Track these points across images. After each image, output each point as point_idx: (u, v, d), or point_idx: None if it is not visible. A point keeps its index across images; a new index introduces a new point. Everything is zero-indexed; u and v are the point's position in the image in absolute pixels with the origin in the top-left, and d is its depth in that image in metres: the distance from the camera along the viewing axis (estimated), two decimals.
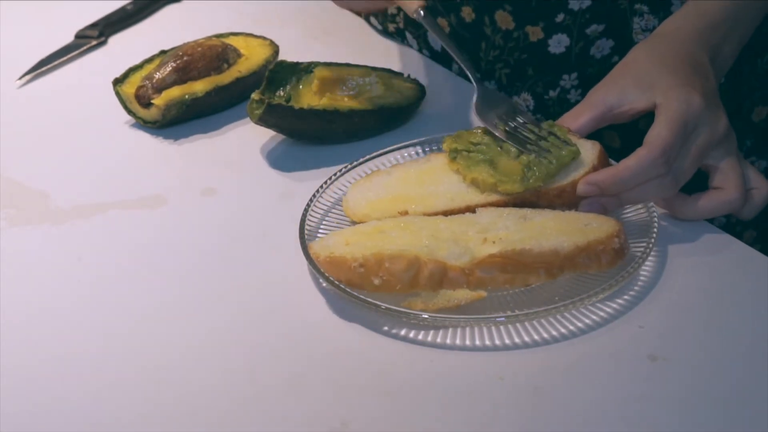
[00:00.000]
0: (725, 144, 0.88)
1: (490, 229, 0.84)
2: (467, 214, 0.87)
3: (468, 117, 1.08)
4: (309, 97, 1.04)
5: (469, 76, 0.98)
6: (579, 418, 0.73)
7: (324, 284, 0.85)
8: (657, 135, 0.86)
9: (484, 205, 0.88)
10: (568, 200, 0.87)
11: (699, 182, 0.89)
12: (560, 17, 1.06)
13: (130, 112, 1.11)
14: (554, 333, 0.80)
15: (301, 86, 1.05)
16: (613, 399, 0.74)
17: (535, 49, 1.08)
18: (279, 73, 1.05)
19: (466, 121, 1.06)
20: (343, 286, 0.82)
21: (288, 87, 1.05)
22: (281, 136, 1.07)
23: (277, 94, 1.04)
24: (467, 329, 0.80)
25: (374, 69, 1.09)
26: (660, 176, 0.85)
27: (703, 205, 0.88)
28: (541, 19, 1.06)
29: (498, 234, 0.83)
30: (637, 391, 0.74)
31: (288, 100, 1.03)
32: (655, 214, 0.87)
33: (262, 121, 1.02)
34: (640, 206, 0.89)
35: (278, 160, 1.05)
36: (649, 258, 0.85)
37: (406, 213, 0.89)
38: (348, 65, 1.08)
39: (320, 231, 0.91)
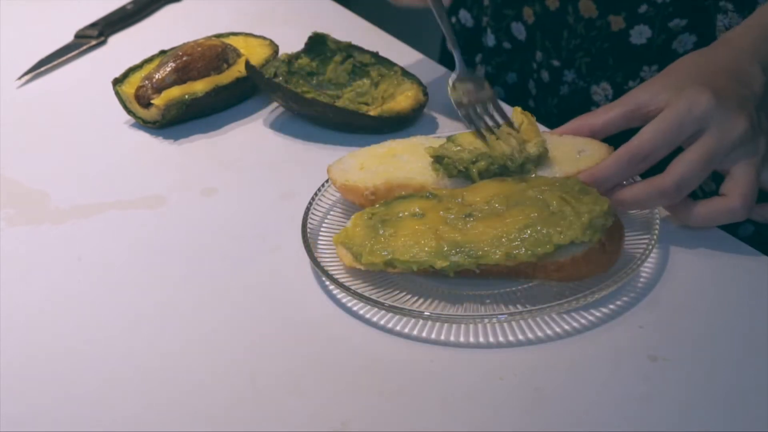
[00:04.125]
0: (742, 150, 0.85)
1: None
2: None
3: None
4: (336, 74, 1.11)
5: (455, 55, 1.00)
6: (579, 418, 0.73)
7: (326, 282, 0.85)
8: (640, 134, 0.85)
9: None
10: None
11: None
12: (643, 8, 1.05)
13: (130, 112, 1.11)
14: (554, 332, 0.80)
15: (332, 65, 1.12)
16: (613, 399, 0.74)
17: (616, 39, 1.08)
18: (321, 44, 1.12)
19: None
20: (344, 285, 0.82)
21: (320, 60, 1.12)
22: (281, 136, 1.07)
23: (308, 63, 1.11)
24: (468, 327, 0.80)
25: (393, 65, 1.12)
26: (657, 184, 0.84)
27: (701, 210, 0.86)
28: (624, 9, 1.06)
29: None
30: (637, 391, 0.74)
31: (312, 74, 1.11)
32: (656, 213, 0.87)
33: (271, 84, 1.07)
34: None
35: (278, 160, 1.05)
36: (650, 258, 0.85)
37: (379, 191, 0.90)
38: (378, 56, 1.13)
39: (321, 231, 0.91)
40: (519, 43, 1.17)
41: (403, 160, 0.92)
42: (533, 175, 0.88)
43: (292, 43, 1.16)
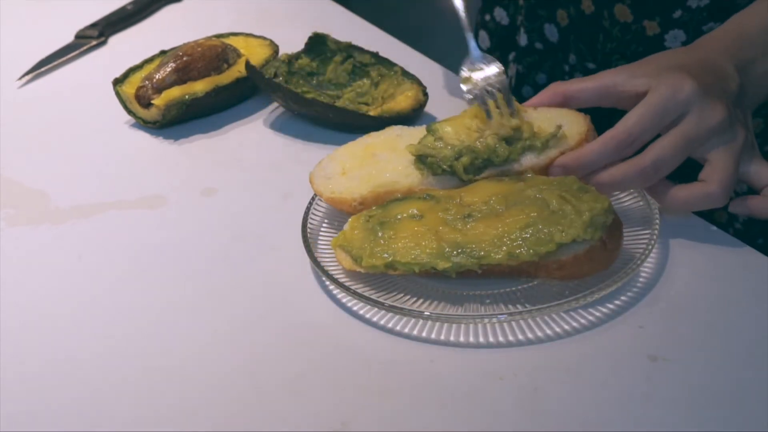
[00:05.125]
0: (721, 137, 0.86)
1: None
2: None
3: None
4: (336, 74, 1.11)
5: (468, 39, 0.99)
6: (579, 418, 0.73)
7: (327, 282, 0.85)
8: (625, 119, 0.86)
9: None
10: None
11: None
12: (678, 13, 1.06)
13: (130, 112, 1.11)
14: (554, 332, 0.80)
15: (332, 65, 1.12)
16: (613, 399, 0.74)
17: (651, 43, 1.08)
18: (321, 44, 1.12)
19: None
20: (344, 285, 0.82)
21: (320, 60, 1.12)
22: (281, 136, 1.07)
23: (308, 63, 1.11)
24: (468, 327, 0.80)
25: (393, 65, 1.12)
26: (635, 163, 0.85)
27: (679, 194, 0.86)
28: (659, 14, 1.06)
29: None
30: (637, 391, 0.74)
31: (312, 74, 1.10)
32: (656, 213, 0.87)
33: (271, 85, 1.07)
34: (641, 202, 0.89)
35: (278, 160, 1.05)
36: (650, 258, 0.85)
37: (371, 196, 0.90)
38: (378, 57, 1.13)
39: (321, 231, 0.91)
40: (551, 44, 1.17)
41: (383, 159, 0.92)
42: (529, 174, 0.88)
43: (292, 43, 1.16)
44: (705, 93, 0.85)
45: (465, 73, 0.96)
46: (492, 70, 0.96)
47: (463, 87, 0.95)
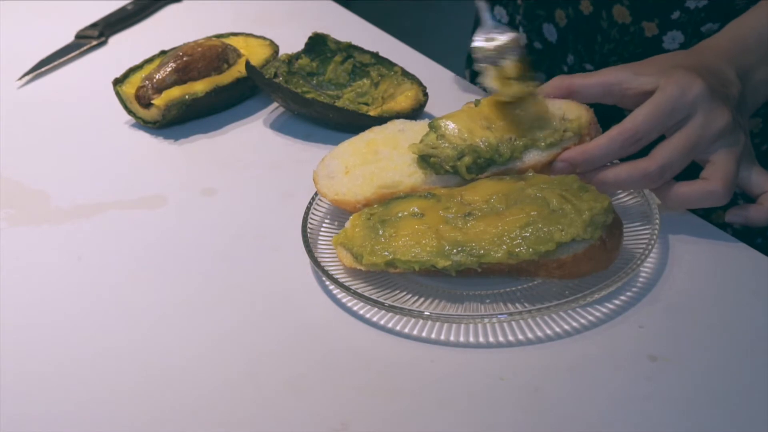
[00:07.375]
0: (724, 141, 0.86)
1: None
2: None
3: None
4: (336, 74, 1.11)
5: (480, 7, 0.98)
6: (579, 418, 0.73)
7: (326, 282, 0.85)
8: (633, 116, 0.86)
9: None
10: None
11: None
12: (676, 14, 1.06)
13: (130, 112, 1.11)
14: (554, 332, 0.80)
15: (332, 65, 1.12)
16: (613, 399, 0.74)
17: (649, 44, 1.08)
18: (321, 44, 1.12)
19: None
20: (344, 285, 0.82)
21: (320, 60, 1.12)
22: (281, 136, 1.07)
23: (308, 63, 1.11)
24: (468, 327, 0.80)
25: (393, 65, 1.12)
26: (641, 167, 0.85)
27: (681, 191, 0.86)
28: (657, 15, 1.06)
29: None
30: (637, 391, 0.74)
31: (312, 74, 1.10)
32: (656, 212, 0.87)
33: (271, 85, 1.06)
34: (640, 201, 0.89)
35: (278, 160, 1.05)
36: (650, 257, 0.85)
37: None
38: (378, 57, 1.13)
39: (321, 231, 0.91)
40: (549, 44, 1.17)
41: (385, 156, 0.91)
42: (530, 173, 0.88)
43: (292, 43, 1.17)
44: (712, 95, 0.85)
45: (477, 42, 0.94)
46: (507, 37, 0.94)
47: (475, 58, 0.93)
